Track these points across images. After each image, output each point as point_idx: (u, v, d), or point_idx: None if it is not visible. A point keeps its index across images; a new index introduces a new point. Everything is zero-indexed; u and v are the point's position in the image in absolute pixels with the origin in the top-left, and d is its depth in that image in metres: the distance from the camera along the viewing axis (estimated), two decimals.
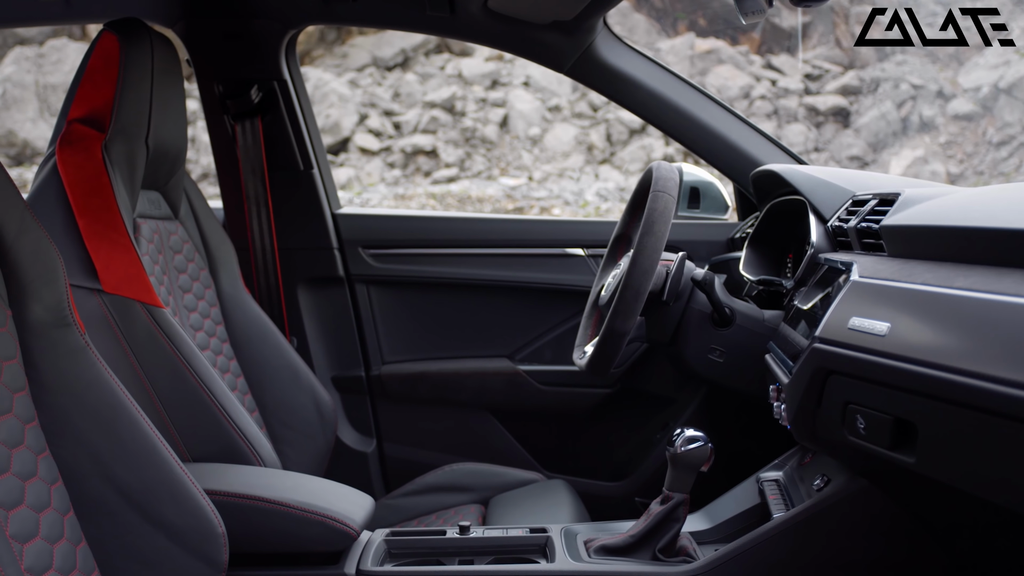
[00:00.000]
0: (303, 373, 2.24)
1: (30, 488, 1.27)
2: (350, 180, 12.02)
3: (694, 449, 1.58)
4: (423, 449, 2.58)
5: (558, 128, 12.42)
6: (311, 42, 14.64)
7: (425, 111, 12.87)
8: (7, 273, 1.34)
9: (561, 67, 2.29)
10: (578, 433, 2.54)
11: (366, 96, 13.30)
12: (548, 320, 2.55)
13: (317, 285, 2.58)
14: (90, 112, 1.89)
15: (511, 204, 11.14)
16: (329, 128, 12.61)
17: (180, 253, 2.11)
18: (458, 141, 12.62)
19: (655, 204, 1.74)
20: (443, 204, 11.26)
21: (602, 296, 1.98)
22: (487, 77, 13.21)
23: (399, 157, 12.39)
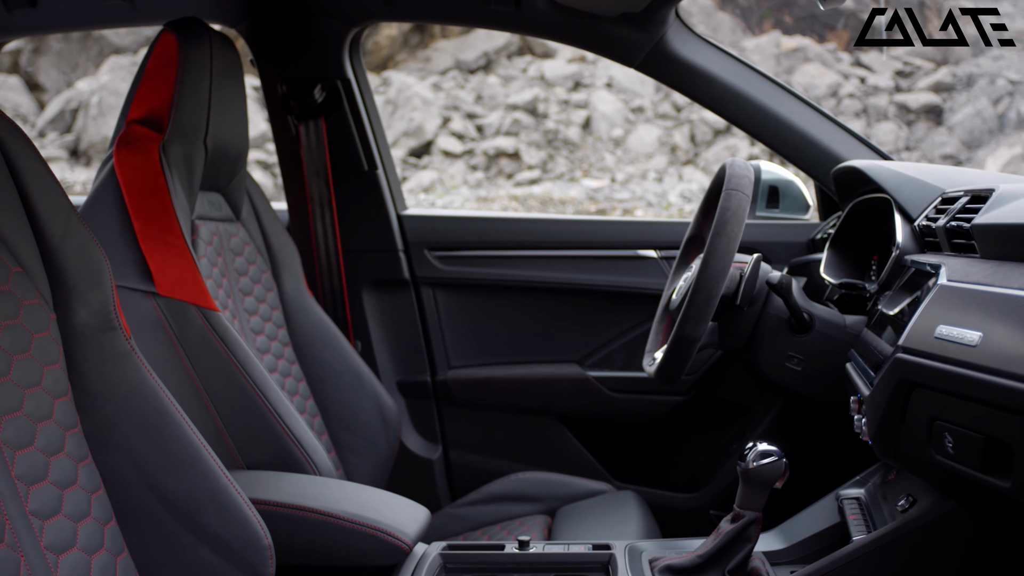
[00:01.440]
0: (366, 378, 2.19)
1: (68, 497, 1.23)
2: (433, 183, 12.07)
3: (767, 464, 1.47)
4: (489, 457, 2.51)
5: (641, 129, 12.27)
6: (394, 46, 14.77)
7: (508, 113, 12.86)
8: (52, 276, 1.31)
9: (631, 61, 2.20)
10: (650, 442, 2.45)
11: (449, 99, 13.35)
12: (619, 324, 2.46)
13: (382, 288, 2.53)
14: (149, 113, 1.87)
15: (593, 206, 11.05)
16: (412, 131, 12.69)
17: (241, 255, 2.08)
18: (540, 143, 12.58)
19: (728, 203, 1.64)
20: (525, 206, 11.22)
21: (673, 300, 1.89)
22: (569, 79, 13.14)
23: (482, 159, 12.40)
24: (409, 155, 12.59)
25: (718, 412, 2.39)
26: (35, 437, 1.20)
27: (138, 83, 1.89)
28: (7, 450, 1.15)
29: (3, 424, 1.16)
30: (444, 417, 2.53)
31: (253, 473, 1.69)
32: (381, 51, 14.78)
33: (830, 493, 1.72)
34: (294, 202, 2.48)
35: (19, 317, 1.23)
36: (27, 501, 1.16)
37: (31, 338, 1.24)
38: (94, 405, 1.32)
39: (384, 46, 14.78)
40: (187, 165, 1.86)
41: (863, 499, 1.63)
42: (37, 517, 1.17)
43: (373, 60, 14.67)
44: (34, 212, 1.29)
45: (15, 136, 1.28)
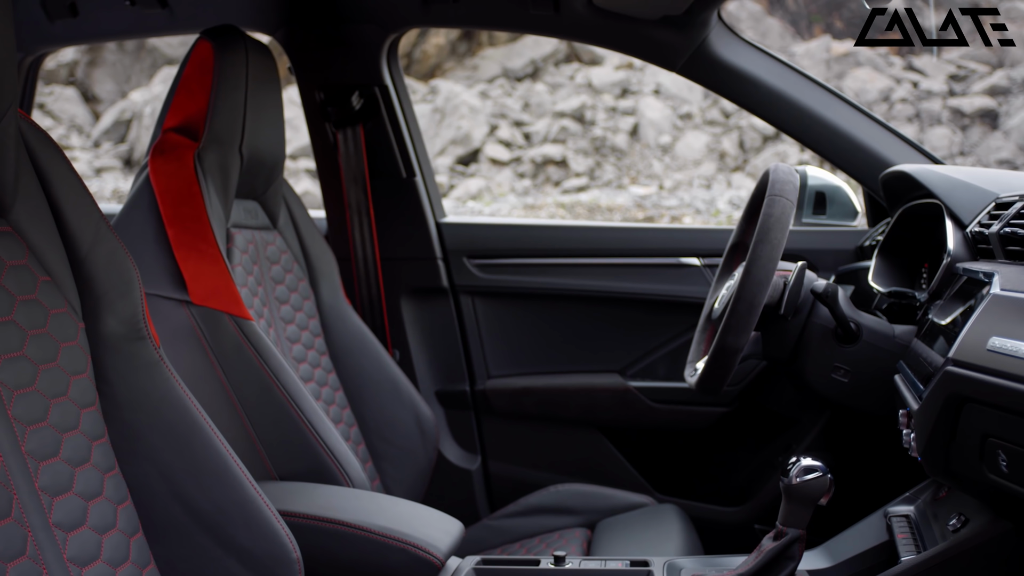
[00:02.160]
0: (404, 387, 2.16)
1: (93, 509, 1.21)
2: (480, 190, 12.08)
3: (811, 480, 1.42)
4: (528, 468, 2.47)
5: (689, 136, 12.18)
6: (442, 55, 14.83)
7: (555, 121, 12.85)
8: (81, 285, 1.30)
9: (673, 65, 2.15)
10: (692, 454, 2.39)
11: (496, 107, 13.37)
12: (661, 334, 2.41)
13: (420, 296, 2.51)
14: (184, 121, 1.86)
15: (641, 213, 10.99)
16: (460, 139, 12.72)
17: (277, 264, 2.06)
18: (588, 150, 12.54)
19: (771, 209, 1.59)
20: (572, 213, 11.19)
21: (715, 309, 1.84)
22: (617, 86, 13.09)
23: (529, 167, 12.39)
24: (457, 163, 12.63)
25: (763, 424, 2.33)
26: (60, 448, 1.19)
27: (174, 91, 1.88)
28: (31, 461, 1.14)
29: (28, 434, 1.14)
30: (483, 427, 2.50)
31: (284, 484, 1.67)
32: (429, 60, 14.85)
33: (878, 510, 1.65)
34: (332, 210, 2.47)
35: (46, 326, 1.22)
36: (50, 513, 1.14)
37: (58, 347, 1.23)
38: (122, 415, 1.30)
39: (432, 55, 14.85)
40: (222, 173, 1.85)
41: (912, 517, 1.56)
42: (60, 529, 1.15)
43: (421, 69, 14.74)
44: (63, 220, 1.28)
45: (45, 144, 1.28)
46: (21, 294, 1.20)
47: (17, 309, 1.18)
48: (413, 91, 13.87)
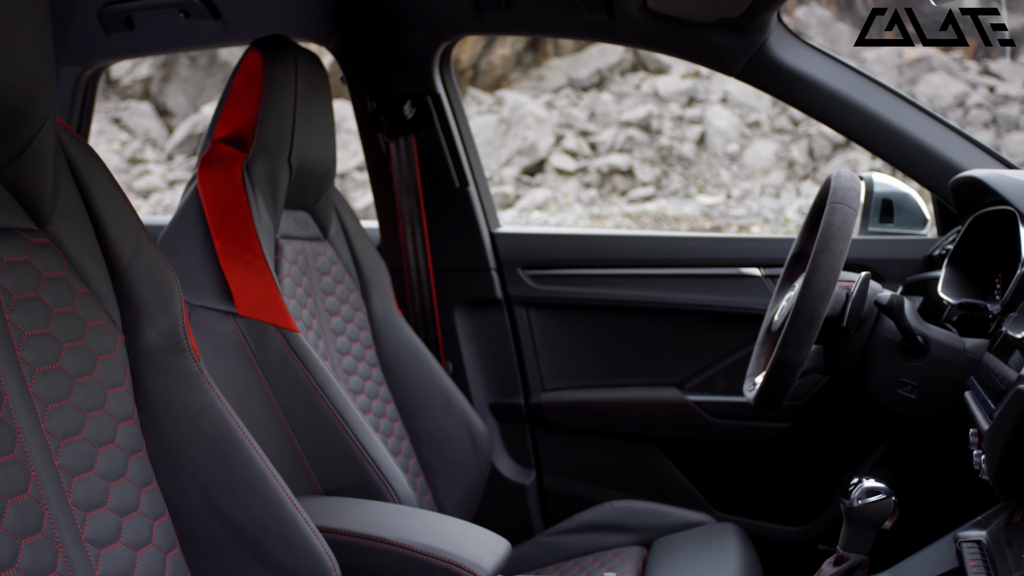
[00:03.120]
0: (456, 400, 2.13)
1: (128, 524, 1.19)
2: (546, 201, 12.08)
3: (874, 503, 1.35)
4: (584, 483, 2.41)
5: (757, 144, 12.02)
6: (507, 66, 14.87)
7: (621, 130, 12.80)
8: (121, 297, 1.28)
9: (731, 70, 2.09)
10: (753, 471, 2.31)
11: (562, 117, 13.37)
12: (721, 346, 2.33)
13: (474, 308, 2.47)
14: (234, 131, 1.85)
15: (708, 223, 10.87)
16: (526, 150, 12.74)
17: (328, 275, 2.04)
18: (654, 160, 12.46)
19: (832, 217, 1.53)
20: (639, 223, 11.13)
21: (775, 322, 1.77)
22: (683, 94, 12.98)
23: (595, 177, 12.35)
24: (522, 173, 12.64)
25: (826, 441, 2.25)
26: (95, 462, 1.17)
27: (224, 101, 1.88)
28: (64, 475, 1.12)
29: (62, 448, 1.13)
30: (538, 441, 2.45)
31: (327, 500, 1.64)
32: (495, 71, 14.91)
33: (947, 535, 1.57)
34: (385, 220, 2.45)
35: (83, 339, 1.20)
36: (83, 528, 1.12)
37: (95, 360, 1.21)
38: (161, 428, 1.28)
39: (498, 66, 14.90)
40: (271, 183, 1.84)
41: (984, 543, 1.47)
42: (93, 545, 1.13)
43: (487, 80, 14.80)
44: (104, 232, 1.27)
45: (85, 155, 1.27)
46: (58, 306, 1.18)
47: (54, 321, 1.17)
48: (479, 102, 13.93)
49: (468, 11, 2.16)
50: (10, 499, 1.04)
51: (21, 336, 1.12)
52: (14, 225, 1.16)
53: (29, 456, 1.08)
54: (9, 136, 1.11)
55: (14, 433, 1.07)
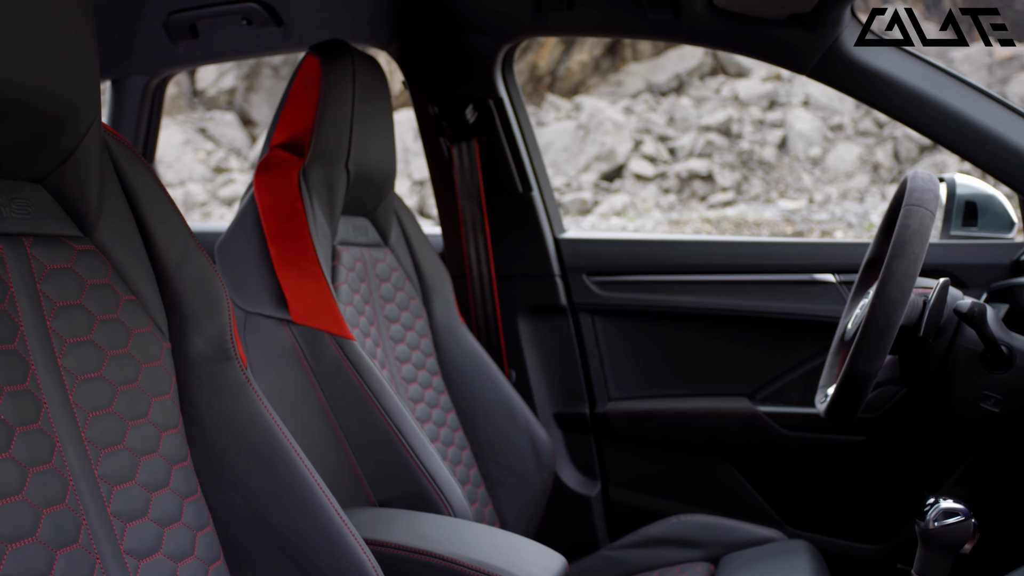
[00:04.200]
0: (519, 409, 2.08)
1: (169, 535, 1.17)
2: (625, 206, 12.01)
3: (951, 525, 1.26)
4: (650, 495, 2.34)
5: (840, 147, 11.75)
6: (585, 71, 14.83)
7: (700, 135, 12.66)
8: (168, 304, 1.27)
9: (803, 68, 2.00)
10: (827, 485, 2.22)
11: (641, 122, 13.28)
12: (794, 355, 2.25)
13: (538, 315, 2.42)
14: (291, 137, 1.84)
15: (790, 228, 10.66)
16: (604, 155, 12.70)
17: (388, 281, 2.02)
18: (734, 164, 12.29)
19: (907, 220, 1.44)
20: (719, 229, 10.98)
21: (848, 330, 1.69)
22: (764, 98, 12.78)
23: (674, 182, 12.24)
24: (601, 179, 12.59)
25: (905, 456, 2.14)
26: (137, 471, 1.15)
27: (282, 107, 1.87)
28: (104, 485, 1.10)
29: (102, 458, 1.11)
30: (603, 452, 2.39)
31: (378, 511, 1.61)
32: (573, 76, 14.88)
33: None
34: (447, 226, 2.42)
35: (127, 346, 1.19)
36: (122, 539, 1.10)
37: (139, 368, 1.20)
38: (207, 438, 1.27)
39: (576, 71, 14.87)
40: (328, 189, 1.82)
41: None
42: (132, 556, 1.11)
43: (565, 86, 14.78)
44: (151, 238, 1.26)
45: (132, 161, 1.26)
46: (102, 313, 1.17)
47: (96, 329, 1.16)
48: (557, 108, 13.91)
49: (529, 13, 2.12)
50: (46, 509, 1.02)
51: (63, 344, 1.11)
52: (59, 232, 1.15)
53: (68, 465, 1.07)
54: (52, 143, 1.10)
55: (52, 442, 1.06)
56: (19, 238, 1.10)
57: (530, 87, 14.83)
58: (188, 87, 14.96)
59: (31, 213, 1.12)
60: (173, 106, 14.45)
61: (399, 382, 1.98)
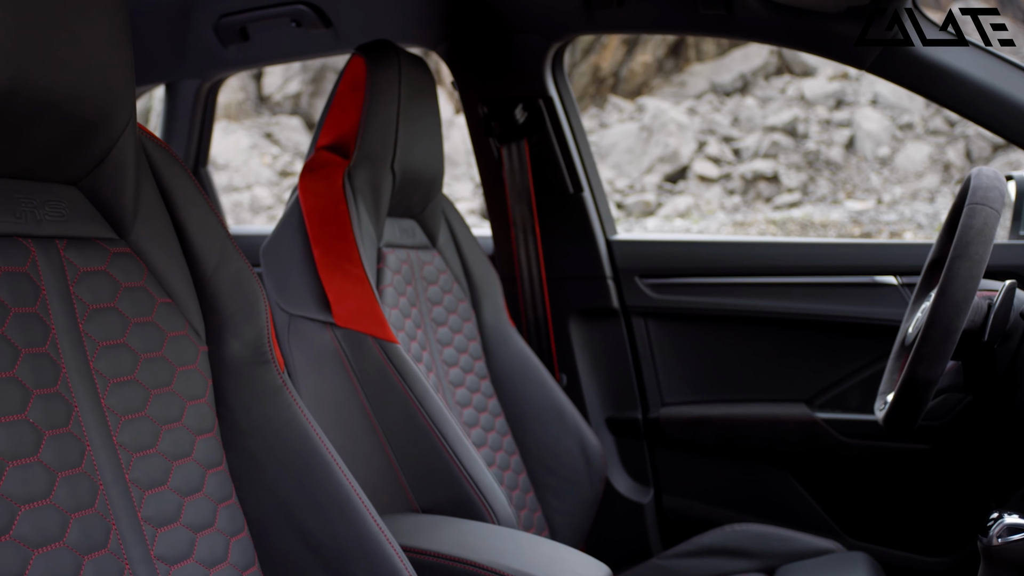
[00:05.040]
0: (569, 414, 2.04)
1: (202, 541, 1.16)
2: (689, 208, 11.90)
3: (1016, 542, 1.20)
4: (704, 503, 2.29)
5: (910, 147, 11.49)
6: (649, 72, 14.73)
7: (765, 135, 12.50)
8: (205, 307, 1.26)
9: (861, 63, 1.93)
10: (889, 495, 2.14)
11: (704, 123, 13.16)
12: (854, 360, 2.17)
13: (589, 318, 2.38)
14: (337, 139, 1.83)
15: (857, 229, 10.46)
16: (668, 157, 12.60)
17: (435, 284, 2.00)
18: (800, 165, 12.11)
19: (970, 220, 1.38)
20: (784, 230, 10.82)
21: (908, 334, 1.63)
22: (831, 97, 12.56)
23: (739, 184, 12.10)
24: (664, 180, 12.49)
25: (970, 466, 2.05)
26: (169, 476, 1.14)
27: (328, 109, 1.86)
28: (135, 489, 1.09)
29: (134, 462, 1.10)
30: (656, 458, 2.33)
31: (418, 518, 1.58)
32: (635, 78, 14.79)
33: None
34: (497, 228, 2.39)
35: (161, 350, 1.18)
36: (153, 545, 1.09)
37: (174, 372, 1.19)
38: (243, 442, 1.25)
39: (639, 72, 14.78)
40: (373, 191, 1.80)
41: None
42: (163, 562, 1.10)
43: (627, 87, 14.70)
44: (188, 240, 1.25)
45: (169, 163, 1.25)
46: (136, 316, 1.16)
47: (130, 332, 1.15)
48: (620, 109, 13.84)
49: (579, 11, 2.08)
50: (74, 514, 1.01)
51: (95, 347, 1.10)
52: (93, 235, 1.15)
53: (98, 470, 1.06)
54: (86, 145, 1.09)
55: (83, 446, 1.05)
56: (52, 241, 1.09)
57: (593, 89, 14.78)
58: (254, 92, 15.19)
59: (65, 216, 1.12)
60: (240, 111, 14.68)
61: (446, 386, 1.95)
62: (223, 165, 13.36)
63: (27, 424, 1.00)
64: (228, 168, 13.31)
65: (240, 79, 14.53)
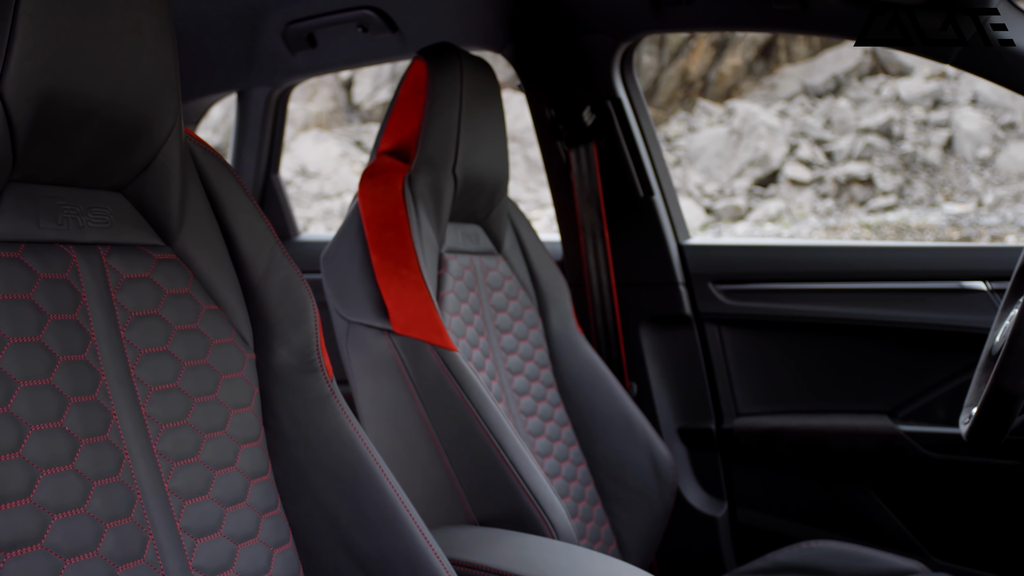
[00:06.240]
0: (639, 424, 1.99)
1: (243, 552, 1.14)
2: (780, 212, 11.68)
3: None
4: (780, 518, 2.20)
5: (1013, 147, 11.06)
6: (738, 75, 14.51)
7: (859, 137, 12.19)
8: (253, 315, 1.24)
9: (945, 56, 1.84)
10: (977, 513, 2.02)
11: (796, 126, 12.90)
12: (939, 370, 2.06)
13: (660, 325, 2.31)
14: (398, 143, 1.81)
15: (956, 233, 10.10)
16: (758, 160, 12.41)
17: (500, 290, 1.96)
18: (896, 167, 11.76)
19: None
20: (879, 234, 10.52)
21: (996, 344, 1.53)
22: (928, 97, 12.19)
23: (831, 187, 11.82)
24: (755, 185, 12.29)
25: None
26: (210, 486, 1.13)
27: (390, 113, 1.84)
28: (175, 499, 1.08)
29: (174, 471, 1.09)
30: (730, 470, 2.25)
31: (475, 530, 1.54)
32: (725, 81, 14.59)
33: None
34: (566, 233, 2.34)
35: (206, 357, 1.17)
36: (192, 556, 1.08)
37: (218, 379, 1.17)
38: (289, 451, 1.23)
39: (728, 75, 14.58)
40: (434, 196, 1.77)
41: None
42: (201, 573, 1.08)
43: (717, 91, 14.52)
44: (236, 246, 1.24)
45: (217, 168, 1.24)
46: (180, 323, 1.15)
47: (174, 339, 1.14)
48: (708, 113, 13.67)
49: (647, 9, 2.03)
50: (109, 523, 1.00)
51: (137, 355, 1.09)
52: (138, 241, 1.14)
53: (136, 479, 1.05)
54: (129, 151, 1.09)
55: (120, 455, 1.04)
56: (95, 247, 1.09)
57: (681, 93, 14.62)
58: (345, 101, 15.43)
59: (109, 222, 1.11)
60: (331, 119, 14.92)
61: (510, 394, 1.91)
62: (315, 173, 13.59)
63: (62, 432, 0.99)
64: (320, 176, 13.52)
65: (331, 88, 14.77)
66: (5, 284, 0.99)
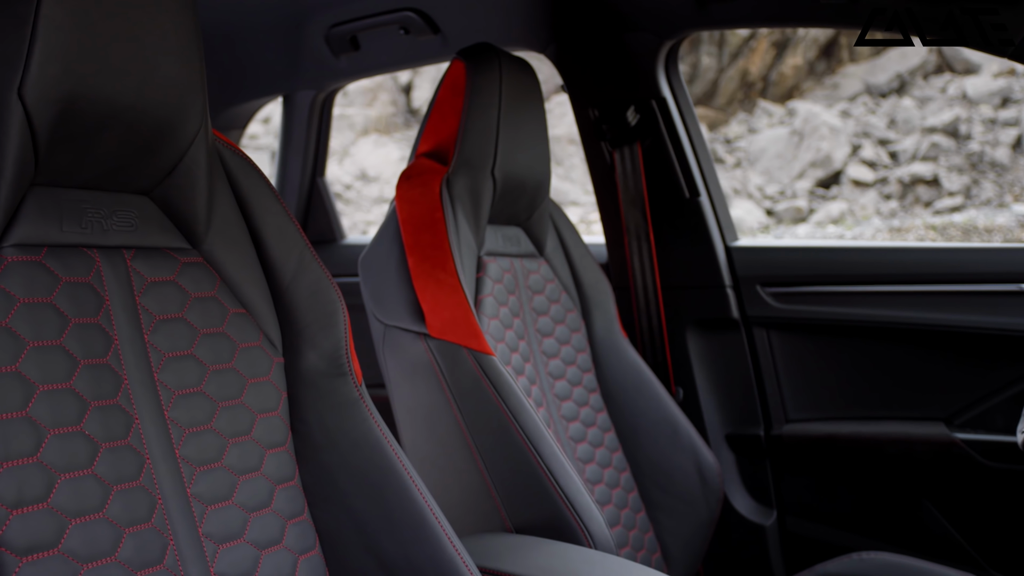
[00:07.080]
0: (684, 430, 1.94)
1: (267, 559, 1.12)
2: (842, 214, 11.49)
3: None
4: (830, 528, 2.13)
5: None
6: (799, 76, 14.30)
7: (924, 137, 11.94)
8: (282, 318, 1.23)
9: (1003, 49, 1.77)
10: None
11: (859, 126, 12.69)
12: (999, 376, 1.98)
13: (707, 329, 2.26)
14: (437, 145, 1.79)
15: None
16: (820, 161, 12.24)
17: (541, 293, 1.93)
18: (962, 167, 11.50)
19: None
20: (945, 236, 10.29)
21: None
22: (996, 95, 11.88)
23: (895, 188, 11.59)
24: (816, 186, 12.11)
25: None
26: (234, 491, 1.11)
27: (428, 115, 1.82)
28: (197, 505, 1.07)
29: (196, 476, 1.08)
30: (779, 478, 2.20)
31: (509, 538, 1.51)
32: (786, 81, 14.39)
33: None
34: (611, 235, 2.30)
35: (231, 361, 1.16)
36: (213, 562, 1.06)
37: (244, 384, 1.16)
38: (317, 456, 1.22)
39: (789, 76, 14.37)
40: (472, 198, 1.75)
41: None
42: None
43: (778, 91, 14.32)
44: (265, 249, 1.23)
45: (246, 171, 1.23)
46: (205, 327, 1.14)
47: (199, 343, 1.13)
48: (769, 114, 13.50)
49: (691, 7, 1.98)
50: (128, 528, 0.99)
51: (161, 358, 1.09)
52: (164, 244, 1.13)
53: (157, 484, 1.04)
54: (155, 154, 1.08)
55: (141, 459, 1.03)
56: (119, 251, 1.08)
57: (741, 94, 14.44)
58: (404, 106, 15.51)
59: (135, 225, 1.11)
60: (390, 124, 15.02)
61: (551, 399, 1.88)
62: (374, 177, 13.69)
63: (82, 436, 0.98)
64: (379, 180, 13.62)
65: (390, 93, 14.86)
66: (26, 287, 0.98)
